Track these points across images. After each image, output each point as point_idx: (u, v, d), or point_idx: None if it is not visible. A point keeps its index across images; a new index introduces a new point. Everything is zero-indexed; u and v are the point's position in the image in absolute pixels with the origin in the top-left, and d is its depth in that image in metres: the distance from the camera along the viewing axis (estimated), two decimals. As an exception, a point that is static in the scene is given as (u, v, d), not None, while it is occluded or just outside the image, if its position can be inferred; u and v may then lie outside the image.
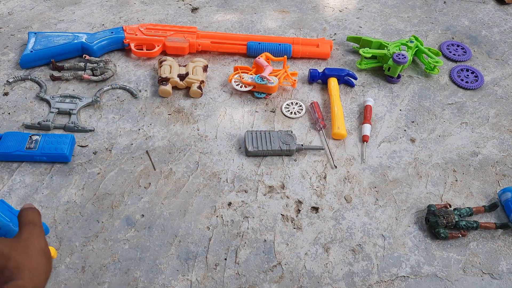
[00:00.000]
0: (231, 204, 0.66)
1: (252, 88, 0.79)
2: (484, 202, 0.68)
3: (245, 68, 0.83)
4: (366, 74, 0.87)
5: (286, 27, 0.96)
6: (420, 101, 0.82)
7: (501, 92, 0.86)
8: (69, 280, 0.57)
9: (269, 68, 0.79)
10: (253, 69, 0.82)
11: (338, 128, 0.74)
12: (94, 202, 0.65)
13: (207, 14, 0.98)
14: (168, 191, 0.66)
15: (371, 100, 0.79)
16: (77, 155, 0.70)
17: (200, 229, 0.63)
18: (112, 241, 0.61)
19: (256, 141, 0.71)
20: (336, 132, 0.74)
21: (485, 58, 0.92)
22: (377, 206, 0.67)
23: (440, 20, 1.01)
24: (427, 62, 0.86)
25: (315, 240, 0.63)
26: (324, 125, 0.75)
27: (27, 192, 0.65)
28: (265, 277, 0.59)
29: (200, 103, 0.79)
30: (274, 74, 0.81)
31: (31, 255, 0.41)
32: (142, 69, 0.84)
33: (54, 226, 0.62)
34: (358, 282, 0.59)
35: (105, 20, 0.95)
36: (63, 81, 0.81)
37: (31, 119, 0.74)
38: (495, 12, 1.05)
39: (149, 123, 0.75)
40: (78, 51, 0.84)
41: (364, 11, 1.02)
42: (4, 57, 0.85)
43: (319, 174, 0.70)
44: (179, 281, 0.58)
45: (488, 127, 0.79)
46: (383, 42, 0.87)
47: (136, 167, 0.69)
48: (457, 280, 0.60)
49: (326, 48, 0.88)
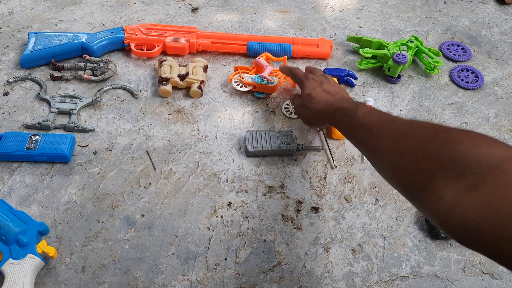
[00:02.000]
0: (231, 204, 0.66)
1: (252, 88, 0.79)
2: (484, 202, 0.68)
3: (245, 68, 0.82)
4: (366, 74, 0.87)
5: (286, 27, 0.96)
6: (420, 101, 0.82)
7: (501, 92, 0.86)
8: (69, 280, 0.57)
9: (269, 68, 0.79)
10: (253, 69, 0.82)
11: (338, 128, 0.74)
12: (94, 202, 0.65)
13: (207, 14, 0.98)
14: (168, 191, 0.66)
15: (371, 100, 0.79)
16: (77, 155, 0.70)
17: (200, 229, 0.63)
18: (112, 241, 0.61)
19: (256, 141, 0.71)
20: (337, 131, 0.74)
21: (485, 58, 0.92)
22: (377, 206, 0.67)
23: (440, 20, 1.01)
24: (427, 62, 0.86)
25: (315, 240, 0.63)
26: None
27: (27, 192, 0.65)
28: (265, 277, 0.59)
29: (200, 103, 0.79)
30: (274, 74, 0.80)
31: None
32: (142, 69, 0.84)
33: (54, 226, 0.62)
34: (358, 282, 0.59)
35: (105, 20, 0.95)
36: (63, 81, 0.81)
37: (31, 119, 0.74)
38: (495, 12, 1.05)
39: (149, 123, 0.75)
40: (78, 51, 0.84)
41: (364, 11, 1.02)
42: (4, 57, 0.85)
43: (319, 174, 0.70)
44: (179, 281, 0.58)
45: (488, 127, 0.79)
46: (383, 42, 0.87)
47: (136, 167, 0.69)
48: (457, 280, 0.60)
49: (326, 48, 0.88)
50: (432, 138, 0.45)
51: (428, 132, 0.46)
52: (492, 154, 0.39)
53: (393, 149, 0.48)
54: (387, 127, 0.51)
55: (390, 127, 0.51)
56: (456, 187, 0.39)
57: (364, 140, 0.55)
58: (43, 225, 0.58)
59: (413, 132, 0.48)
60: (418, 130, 0.48)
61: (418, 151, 0.45)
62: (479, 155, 0.40)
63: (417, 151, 0.45)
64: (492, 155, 0.39)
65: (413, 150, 0.46)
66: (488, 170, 0.38)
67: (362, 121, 0.55)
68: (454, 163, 0.40)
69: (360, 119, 0.55)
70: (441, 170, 0.41)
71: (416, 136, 0.47)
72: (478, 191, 0.38)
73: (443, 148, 0.42)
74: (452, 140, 0.43)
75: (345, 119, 0.59)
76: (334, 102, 0.63)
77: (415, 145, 0.46)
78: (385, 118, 0.54)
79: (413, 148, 0.46)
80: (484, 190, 0.37)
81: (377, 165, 0.53)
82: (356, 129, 0.56)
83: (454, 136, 0.43)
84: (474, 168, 0.39)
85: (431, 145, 0.44)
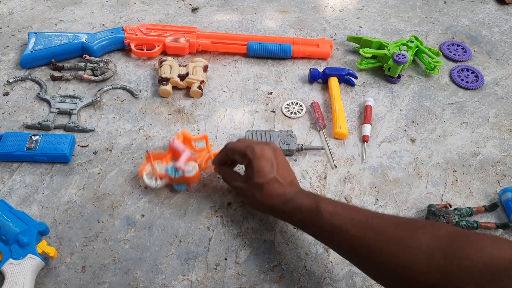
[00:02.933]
0: (231, 204, 0.66)
1: (168, 180, 0.65)
2: (484, 202, 0.68)
3: (159, 156, 0.65)
4: (366, 74, 0.87)
5: (286, 27, 0.96)
6: (420, 101, 0.82)
7: (501, 92, 0.86)
8: (69, 280, 0.57)
9: (186, 153, 0.64)
10: (169, 154, 0.66)
11: (339, 127, 0.74)
12: (94, 202, 0.65)
13: (207, 14, 0.98)
14: (168, 191, 0.66)
15: (371, 100, 0.79)
16: (78, 155, 0.70)
17: (200, 229, 0.63)
18: (112, 241, 0.61)
19: (256, 141, 0.71)
20: (338, 131, 0.74)
21: (486, 58, 0.92)
22: (378, 206, 0.67)
23: (440, 20, 1.01)
24: (427, 62, 0.86)
25: (315, 240, 0.63)
26: (324, 125, 0.75)
27: (28, 192, 0.65)
28: (265, 277, 0.59)
29: (200, 103, 0.79)
30: (196, 157, 0.66)
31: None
32: (142, 69, 0.84)
33: (55, 226, 0.62)
34: (359, 282, 0.59)
35: (105, 20, 0.95)
36: (63, 81, 0.81)
37: (31, 119, 0.74)
38: (496, 12, 1.05)
39: (149, 123, 0.75)
40: (78, 51, 0.84)
41: (364, 11, 1.02)
42: (4, 57, 0.85)
43: (319, 174, 0.70)
44: (179, 281, 0.58)
45: (488, 127, 0.79)
46: (383, 42, 0.87)
47: (136, 167, 0.69)
48: (457, 280, 0.60)
49: (326, 48, 0.88)
50: (436, 248, 0.42)
51: (425, 238, 0.43)
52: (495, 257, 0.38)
53: (391, 260, 0.45)
54: (363, 232, 0.47)
55: (368, 232, 0.47)
56: None
57: (340, 246, 0.51)
58: (43, 225, 0.58)
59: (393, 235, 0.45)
60: (398, 232, 0.45)
61: (422, 261, 0.42)
62: (483, 261, 0.38)
63: (422, 261, 0.42)
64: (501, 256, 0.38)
65: (416, 261, 0.43)
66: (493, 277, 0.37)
67: (330, 223, 0.49)
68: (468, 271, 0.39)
69: (327, 221, 0.49)
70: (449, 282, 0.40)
71: (416, 243, 0.43)
72: None
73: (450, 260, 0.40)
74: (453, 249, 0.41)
75: (305, 220, 0.53)
76: (288, 198, 0.54)
77: (417, 256, 0.43)
78: (355, 216, 0.49)
79: (416, 259, 0.43)
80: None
81: (371, 272, 0.49)
82: (326, 234, 0.51)
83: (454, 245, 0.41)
84: (479, 279, 0.38)
85: (437, 255, 0.41)
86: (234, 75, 0.85)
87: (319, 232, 0.52)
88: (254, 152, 0.56)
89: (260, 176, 0.55)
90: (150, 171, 0.64)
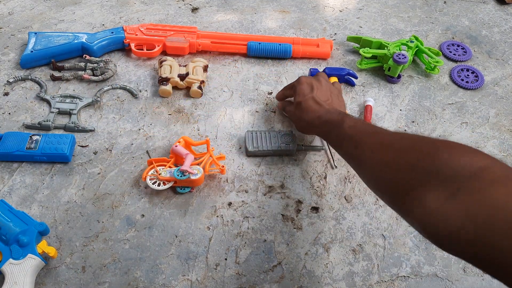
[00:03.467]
0: (231, 204, 0.66)
1: (173, 184, 0.66)
2: (484, 202, 0.68)
3: (162, 161, 0.67)
4: (366, 74, 0.87)
5: (286, 27, 0.96)
6: (420, 101, 0.82)
7: (501, 92, 0.86)
8: (69, 280, 0.57)
9: (190, 157, 0.65)
10: (172, 159, 0.67)
11: (338, 128, 0.74)
12: (94, 202, 0.65)
13: (207, 14, 0.98)
14: (168, 191, 0.66)
15: (371, 100, 0.79)
16: (78, 155, 0.70)
17: (200, 229, 0.63)
18: (112, 241, 0.61)
19: (256, 141, 0.71)
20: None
21: (486, 58, 0.92)
22: (378, 206, 0.67)
23: (440, 20, 1.01)
24: (427, 62, 0.86)
25: (315, 240, 0.63)
26: (324, 125, 0.75)
27: (28, 192, 0.65)
28: (265, 277, 0.59)
29: (200, 103, 0.79)
30: (199, 161, 0.67)
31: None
32: (142, 69, 0.84)
33: (55, 226, 0.62)
34: (359, 282, 0.59)
35: (105, 20, 0.95)
36: (63, 81, 0.81)
37: (32, 119, 0.74)
38: (495, 12, 1.05)
39: (149, 123, 0.75)
40: (78, 51, 0.84)
41: (364, 11, 1.02)
42: (4, 57, 0.85)
43: (319, 174, 0.70)
44: (179, 281, 0.58)
45: (488, 127, 0.79)
46: (383, 42, 0.87)
47: (136, 167, 0.69)
48: (457, 280, 0.60)
49: (326, 48, 0.88)
50: (413, 149, 0.46)
51: (409, 143, 0.48)
52: (471, 163, 0.40)
53: (375, 160, 0.50)
54: (370, 139, 0.53)
55: (373, 139, 0.52)
56: (437, 195, 0.40)
57: (349, 152, 0.56)
58: (43, 225, 0.58)
59: (395, 143, 0.49)
60: (400, 141, 0.49)
61: (399, 161, 0.46)
62: (458, 164, 0.41)
63: (399, 161, 0.46)
64: (471, 164, 0.40)
65: (395, 160, 0.47)
66: (466, 178, 0.39)
67: (347, 133, 0.57)
68: (435, 173, 0.42)
69: (346, 131, 0.57)
70: (422, 179, 0.43)
71: (398, 147, 0.48)
72: (457, 199, 0.39)
73: (424, 158, 0.44)
74: (432, 150, 0.44)
75: (331, 131, 0.60)
76: (321, 114, 0.63)
77: (397, 155, 0.47)
78: (369, 129, 0.56)
79: (395, 158, 0.47)
80: (463, 198, 0.38)
81: (363, 176, 0.54)
82: (342, 141, 0.58)
83: (435, 146, 0.44)
84: (454, 177, 0.40)
85: (412, 156, 0.45)
86: (234, 75, 0.85)
87: (338, 141, 0.59)
88: (298, 80, 0.71)
89: (299, 95, 0.67)
90: (154, 175, 0.65)
